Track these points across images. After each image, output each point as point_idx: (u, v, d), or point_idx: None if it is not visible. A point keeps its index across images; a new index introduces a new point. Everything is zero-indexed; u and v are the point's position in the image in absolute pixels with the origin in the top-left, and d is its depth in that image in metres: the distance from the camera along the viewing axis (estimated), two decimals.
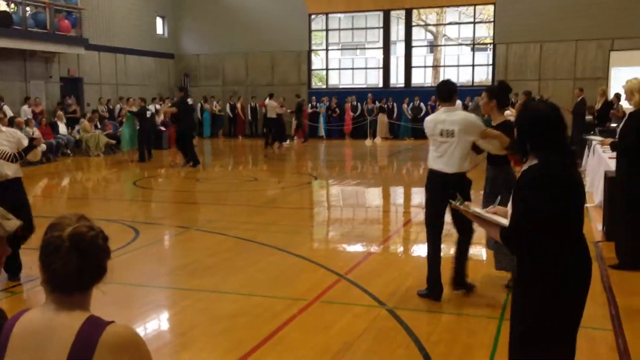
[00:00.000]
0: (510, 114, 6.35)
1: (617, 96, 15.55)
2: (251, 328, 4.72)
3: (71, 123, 19.28)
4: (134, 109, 17.75)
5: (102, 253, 1.66)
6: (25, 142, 5.90)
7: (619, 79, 17.40)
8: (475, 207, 3.03)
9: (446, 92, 5.29)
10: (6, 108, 16.44)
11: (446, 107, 5.30)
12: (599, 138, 8.00)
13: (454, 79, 33.70)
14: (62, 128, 18.56)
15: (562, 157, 2.71)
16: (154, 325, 5.05)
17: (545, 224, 2.65)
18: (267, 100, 21.19)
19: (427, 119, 5.44)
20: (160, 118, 20.49)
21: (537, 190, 2.64)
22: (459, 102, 21.49)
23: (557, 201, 2.65)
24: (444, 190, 4.91)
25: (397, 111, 23.82)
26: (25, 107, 18.12)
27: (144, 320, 5.02)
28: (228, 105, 25.59)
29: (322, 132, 24.61)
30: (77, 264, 1.61)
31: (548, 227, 2.66)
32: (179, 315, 5.25)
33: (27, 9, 18.90)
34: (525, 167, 2.78)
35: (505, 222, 2.79)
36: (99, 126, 19.47)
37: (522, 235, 2.69)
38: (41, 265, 1.64)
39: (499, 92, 5.36)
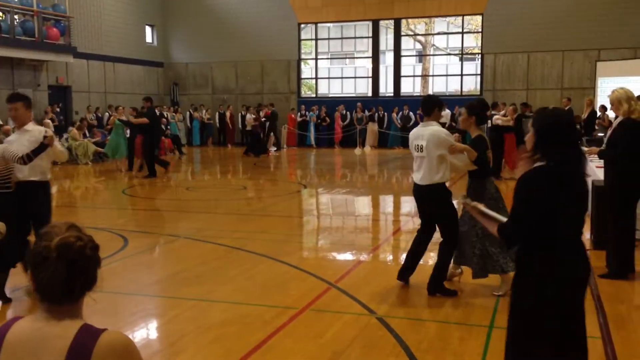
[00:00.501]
0: (499, 118, 7.35)
1: (603, 107, 15.75)
2: (241, 337, 4.70)
3: (58, 131, 19.17)
4: (124, 117, 17.57)
5: (91, 262, 1.65)
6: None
7: (605, 89, 17.60)
8: (482, 206, 3.16)
9: (425, 107, 5.65)
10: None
11: (425, 121, 5.70)
12: (586, 148, 8.08)
13: (442, 89, 33.91)
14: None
15: (568, 161, 2.83)
16: (143, 334, 5.02)
17: (539, 222, 2.76)
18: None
19: (410, 133, 5.83)
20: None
21: (533, 190, 2.78)
22: (447, 112, 21.72)
23: (552, 202, 2.75)
24: (418, 201, 5.72)
25: (387, 120, 23.92)
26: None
27: (133, 329, 4.99)
28: (217, 113, 25.59)
29: (311, 141, 24.65)
30: (65, 274, 1.60)
31: (542, 225, 2.76)
32: (169, 324, 5.22)
33: (16, 17, 18.82)
34: (531, 168, 2.88)
35: (504, 219, 2.94)
36: (88, 134, 19.38)
37: (516, 231, 2.82)
38: (30, 275, 1.63)
39: (478, 109, 5.61)
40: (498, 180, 13.14)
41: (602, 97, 17.33)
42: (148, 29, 26.45)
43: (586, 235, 7.83)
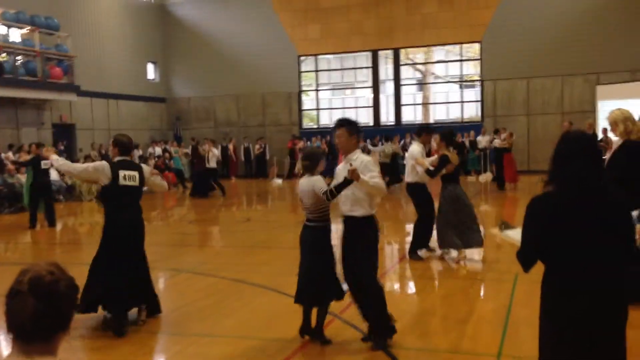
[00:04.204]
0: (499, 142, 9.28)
1: (605, 130, 15.76)
2: None
3: None
4: (27, 157, 14.69)
5: (64, 300, 1.59)
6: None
7: (605, 112, 17.61)
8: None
9: (417, 131, 8.83)
10: None
11: (415, 140, 8.95)
12: None
13: (443, 116, 33.92)
14: (54, 174, 18.50)
15: (569, 184, 2.73)
16: None
17: (541, 246, 2.73)
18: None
19: None
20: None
21: (531, 214, 2.78)
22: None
23: (549, 226, 2.70)
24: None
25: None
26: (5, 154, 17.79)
27: None
28: (220, 146, 25.68)
29: None
30: (34, 309, 1.55)
31: (542, 251, 2.74)
32: None
33: (19, 57, 19.07)
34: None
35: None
36: None
37: (521, 254, 2.82)
38: (5, 312, 1.59)
39: (448, 137, 8.11)
40: (502, 191, 16.73)
41: (603, 120, 17.35)
42: (150, 66, 26.75)
43: None
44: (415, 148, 8.35)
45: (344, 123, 5.14)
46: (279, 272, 8.17)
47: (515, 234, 3.15)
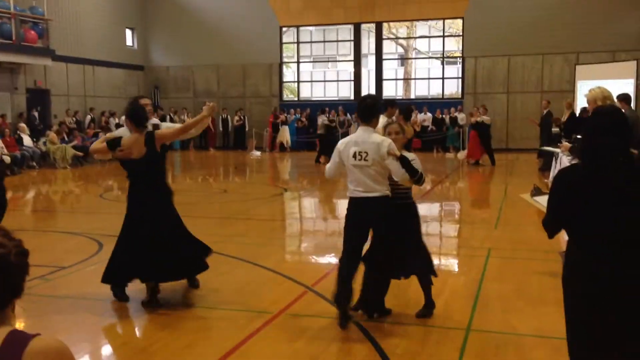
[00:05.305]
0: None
1: (585, 109, 15.84)
2: (214, 342, 4.61)
3: (36, 135, 18.93)
4: None
5: (14, 270, 1.54)
6: None
7: (584, 92, 17.69)
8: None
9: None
10: None
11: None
12: (551, 149, 8.24)
13: (424, 92, 33.98)
14: (27, 140, 18.19)
15: (593, 158, 2.79)
16: (116, 340, 4.90)
17: (566, 216, 2.83)
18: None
19: None
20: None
21: (557, 184, 2.88)
22: (429, 115, 21.81)
23: (573, 198, 2.78)
24: None
25: None
26: None
27: (106, 334, 4.87)
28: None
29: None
30: None
31: (568, 220, 2.84)
32: (140, 331, 5.11)
33: None
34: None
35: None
36: (67, 138, 19.11)
37: (546, 222, 2.93)
38: None
39: (407, 113, 9.22)
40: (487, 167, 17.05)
41: (582, 100, 17.43)
42: (128, 32, 26.21)
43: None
44: (381, 120, 8.67)
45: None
46: (254, 243, 8.14)
47: (544, 201, 3.24)
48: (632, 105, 9.32)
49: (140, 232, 5.41)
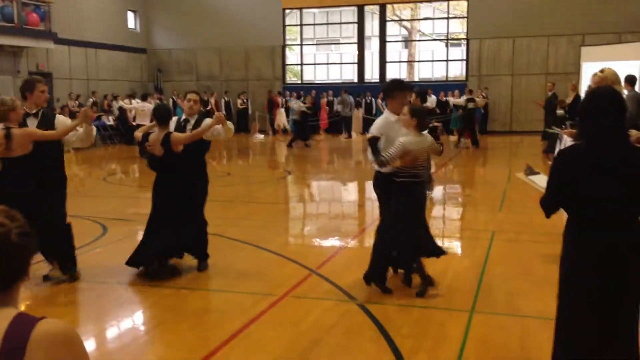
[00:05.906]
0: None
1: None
2: (219, 324, 4.63)
3: None
4: None
5: (16, 250, 1.52)
6: None
7: (589, 74, 17.57)
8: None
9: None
10: None
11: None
12: (558, 130, 8.18)
13: (428, 75, 33.74)
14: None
15: (595, 139, 2.80)
16: (120, 322, 4.92)
17: (563, 196, 2.86)
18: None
19: None
20: (132, 114, 19.92)
21: (557, 164, 2.90)
22: (433, 98, 21.67)
23: (571, 178, 2.80)
24: None
25: (375, 106, 23.79)
26: None
27: (110, 317, 4.90)
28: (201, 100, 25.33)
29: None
30: None
31: (566, 199, 2.86)
32: (146, 313, 5.13)
33: None
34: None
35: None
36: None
37: (543, 201, 2.95)
38: None
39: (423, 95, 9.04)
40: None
41: (587, 82, 17.31)
42: (130, 15, 26.05)
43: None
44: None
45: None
46: (257, 226, 8.15)
47: (539, 180, 3.25)
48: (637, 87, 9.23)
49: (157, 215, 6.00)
